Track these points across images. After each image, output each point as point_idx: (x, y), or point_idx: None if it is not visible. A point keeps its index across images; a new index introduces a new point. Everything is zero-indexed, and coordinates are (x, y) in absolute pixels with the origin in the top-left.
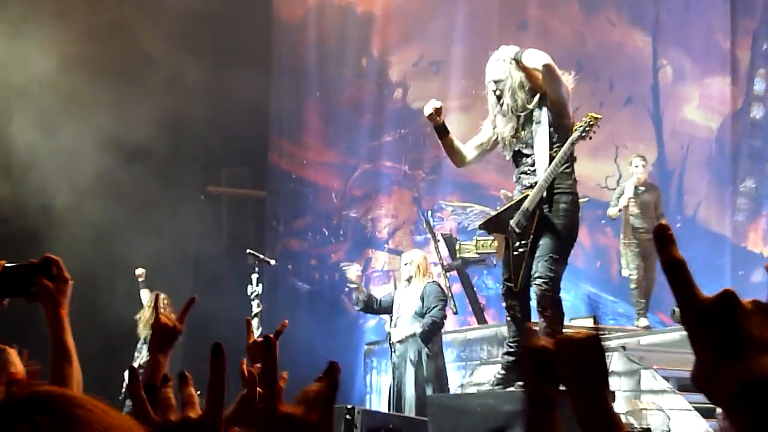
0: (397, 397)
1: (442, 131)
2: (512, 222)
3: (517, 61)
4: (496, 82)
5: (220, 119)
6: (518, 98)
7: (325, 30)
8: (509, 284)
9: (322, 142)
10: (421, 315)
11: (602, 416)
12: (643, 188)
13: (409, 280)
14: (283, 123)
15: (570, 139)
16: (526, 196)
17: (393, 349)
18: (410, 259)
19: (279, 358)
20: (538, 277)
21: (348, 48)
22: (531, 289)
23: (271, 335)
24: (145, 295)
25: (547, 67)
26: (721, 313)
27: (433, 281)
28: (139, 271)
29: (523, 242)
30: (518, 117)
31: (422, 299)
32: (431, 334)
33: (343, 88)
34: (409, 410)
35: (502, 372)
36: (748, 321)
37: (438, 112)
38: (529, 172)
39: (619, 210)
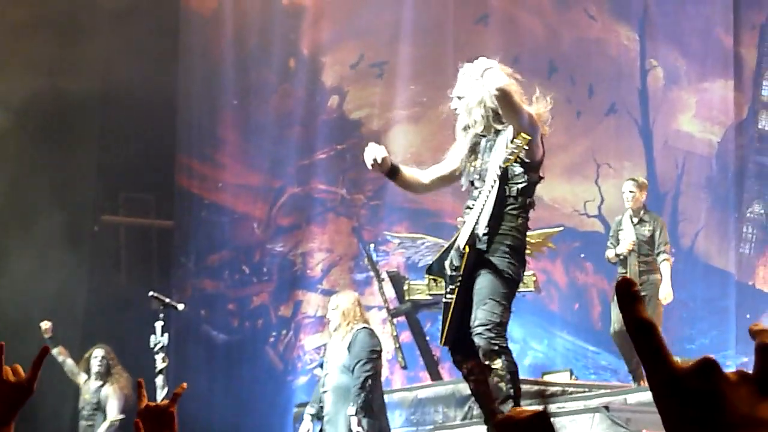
0: None
1: (392, 174)
2: (446, 263)
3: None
4: (458, 98)
5: (114, 133)
6: (474, 118)
7: (245, 24)
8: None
9: (240, 161)
10: (350, 369)
11: None
12: (636, 219)
13: (336, 329)
14: (192, 138)
15: (494, 173)
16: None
17: (322, 412)
18: (336, 303)
19: (187, 426)
20: (480, 325)
21: (273, 46)
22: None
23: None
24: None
25: (500, 92)
26: (700, 386)
27: (364, 327)
28: (45, 325)
29: (451, 287)
30: (476, 142)
31: (348, 349)
32: (365, 392)
33: (267, 95)
34: None
35: None
36: (733, 395)
37: (383, 160)
38: (471, 206)
39: (622, 255)
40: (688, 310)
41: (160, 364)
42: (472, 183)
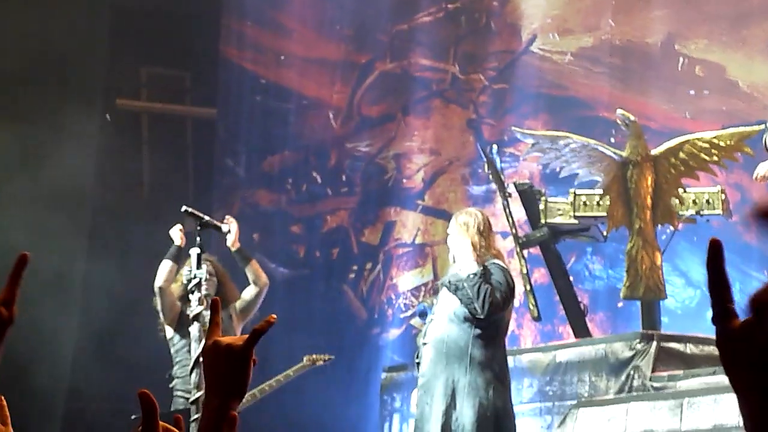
0: None
1: None
2: None
3: None
4: None
5: None
6: None
7: None
8: None
9: (312, 25)
10: (464, 319)
11: None
12: None
13: (454, 260)
14: None
15: None
16: None
17: (417, 371)
18: (455, 227)
19: None
20: None
21: None
22: None
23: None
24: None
25: None
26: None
27: (495, 262)
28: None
29: None
30: None
31: None
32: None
33: None
34: None
35: None
36: None
37: None
38: None
39: None
40: None
41: (195, 308)
42: None
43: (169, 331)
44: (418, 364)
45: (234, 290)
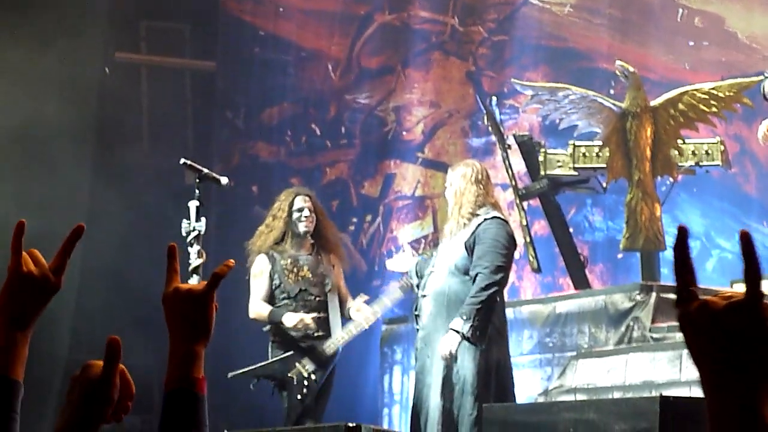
0: (414, 405)
1: None
2: None
3: None
4: None
5: None
6: None
7: None
8: None
9: None
10: (465, 271)
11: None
12: None
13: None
14: None
15: None
16: None
17: (417, 324)
18: (450, 180)
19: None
20: None
21: None
22: None
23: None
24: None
25: None
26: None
27: (495, 216)
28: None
29: None
30: None
31: (470, 245)
32: (484, 312)
33: None
34: (430, 429)
35: None
36: None
37: None
38: None
39: None
40: None
41: (194, 260)
42: None
43: None
44: (417, 316)
45: (333, 229)
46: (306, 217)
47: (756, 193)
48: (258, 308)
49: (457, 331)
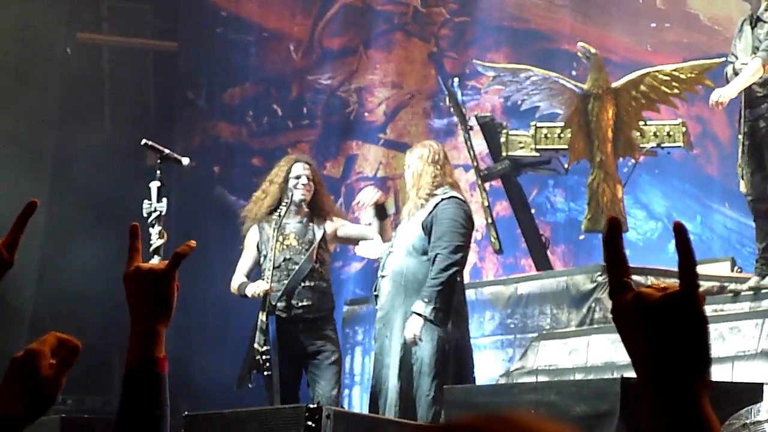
0: (373, 386)
1: None
2: None
3: None
4: None
5: None
6: None
7: None
8: None
9: None
10: (422, 252)
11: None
12: None
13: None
14: None
15: None
16: None
17: (376, 304)
18: (408, 162)
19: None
20: None
21: None
22: None
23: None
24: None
25: None
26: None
27: (452, 196)
28: None
29: None
30: None
31: (427, 225)
32: (445, 293)
33: None
34: (388, 410)
35: None
36: None
37: None
38: None
39: None
40: None
41: (155, 241)
42: None
43: None
44: (376, 296)
45: (330, 200)
46: (303, 184)
47: (717, 175)
48: (234, 282)
49: (420, 314)
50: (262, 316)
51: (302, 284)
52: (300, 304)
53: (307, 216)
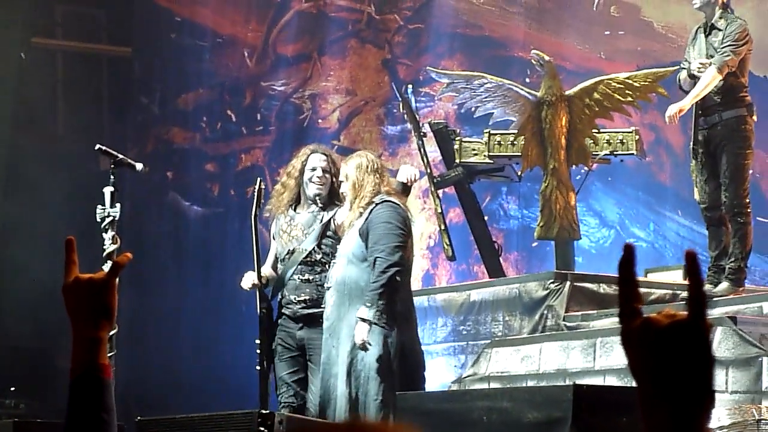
0: (321, 396)
1: None
2: None
3: None
4: None
5: None
6: None
7: None
8: None
9: None
10: (362, 259)
11: None
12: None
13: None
14: None
15: None
16: None
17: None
18: (345, 173)
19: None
20: None
21: None
22: None
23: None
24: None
25: None
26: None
27: (387, 201)
28: None
29: None
30: None
31: (364, 231)
32: (387, 295)
33: None
34: (338, 418)
35: None
36: None
37: None
38: None
39: None
40: None
41: (108, 246)
42: None
43: None
44: (323, 308)
45: None
46: (318, 177)
47: (670, 183)
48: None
49: (365, 320)
50: (258, 309)
51: (300, 277)
52: (298, 298)
53: (321, 207)
